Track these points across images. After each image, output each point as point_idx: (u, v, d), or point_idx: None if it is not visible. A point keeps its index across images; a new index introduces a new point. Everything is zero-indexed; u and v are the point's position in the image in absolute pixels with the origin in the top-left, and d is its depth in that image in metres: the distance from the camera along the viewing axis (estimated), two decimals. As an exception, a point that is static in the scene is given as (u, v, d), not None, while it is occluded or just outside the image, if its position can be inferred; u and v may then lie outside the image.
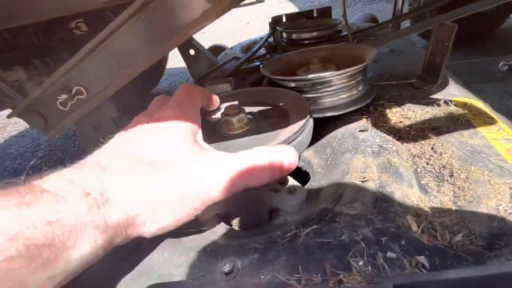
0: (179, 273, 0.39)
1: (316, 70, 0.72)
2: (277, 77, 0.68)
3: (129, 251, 0.44)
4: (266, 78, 0.80)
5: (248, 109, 0.62)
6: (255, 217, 0.56)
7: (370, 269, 0.34)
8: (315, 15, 1.59)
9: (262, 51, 1.45)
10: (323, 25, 1.25)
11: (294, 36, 1.22)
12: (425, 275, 0.28)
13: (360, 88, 0.69)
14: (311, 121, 0.54)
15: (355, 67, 0.63)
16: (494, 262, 0.32)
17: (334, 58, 0.80)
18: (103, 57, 0.66)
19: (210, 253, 0.42)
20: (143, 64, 0.65)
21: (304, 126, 0.51)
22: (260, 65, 0.77)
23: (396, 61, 0.99)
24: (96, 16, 1.33)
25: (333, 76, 0.64)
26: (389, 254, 0.35)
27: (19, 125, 2.34)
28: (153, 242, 0.45)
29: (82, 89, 0.71)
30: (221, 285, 0.36)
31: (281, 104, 0.63)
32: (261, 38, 1.83)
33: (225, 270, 0.37)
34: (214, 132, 0.60)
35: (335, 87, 0.66)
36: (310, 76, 0.64)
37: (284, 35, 1.26)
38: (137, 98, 0.99)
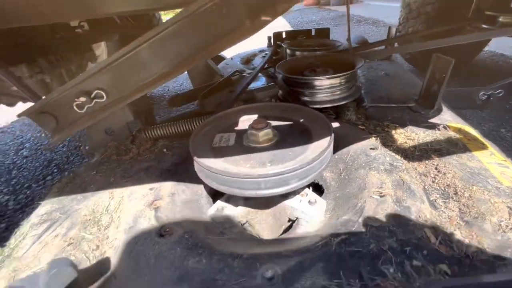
0: (220, 278, 0.42)
1: (320, 72, 0.87)
2: (296, 76, 0.83)
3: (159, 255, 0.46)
4: (281, 76, 0.92)
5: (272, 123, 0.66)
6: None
7: (400, 275, 0.39)
8: (313, 34, 1.69)
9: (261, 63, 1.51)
10: (325, 45, 1.33)
11: (298, 54, 1.29)
12: (468, 279, 0.33)
13: (350, 88, 0.86)
14: (332, 142, 0.59)
15: (350, 71, 0.82)
16: (503, 270, 0.38)
17: (326, 64, 0.93)
18: (128, 65, 0.67)
19: (247, 259, 0.44)
20: (167, 75, 0.68)
21: (329, 145, 0.56)
22: (276, 66, 0.91)
23: (392, 85, 1.08)
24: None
25: (340, 77, 0.79)
26: (415, 262, 0.40)
27: (-2, 121, 2.21)
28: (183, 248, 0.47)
29: (102, 93, 0.71)
30: (265, 290, 0.39)
31: (302, 120, 0.67)
32: (260, 51, 1.90)
33: (268, 275, 0.40)
34: (239, 142, 0.63)
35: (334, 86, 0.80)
36: (322, 77, 0.80)
37: (288, 51, 1.32)
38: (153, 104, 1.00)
